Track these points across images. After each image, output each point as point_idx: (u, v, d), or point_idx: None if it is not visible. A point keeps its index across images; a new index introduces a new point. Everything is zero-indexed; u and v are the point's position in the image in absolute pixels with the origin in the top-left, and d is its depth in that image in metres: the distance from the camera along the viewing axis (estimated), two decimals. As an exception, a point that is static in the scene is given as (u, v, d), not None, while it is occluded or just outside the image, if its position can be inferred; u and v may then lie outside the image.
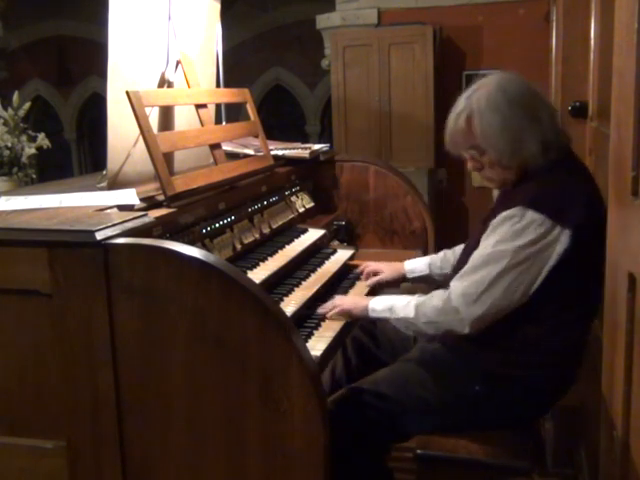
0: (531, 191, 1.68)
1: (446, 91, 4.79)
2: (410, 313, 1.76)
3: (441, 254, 2.21)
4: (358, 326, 2.14)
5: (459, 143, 1.79)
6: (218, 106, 2.56)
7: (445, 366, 1.80)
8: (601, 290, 1.79)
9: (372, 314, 1.87)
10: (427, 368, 1.81)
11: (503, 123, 1.69)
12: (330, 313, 1.92)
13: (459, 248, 2.16)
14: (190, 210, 1.87)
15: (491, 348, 1.73)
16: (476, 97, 1.73)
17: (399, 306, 1.80)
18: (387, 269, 2.27)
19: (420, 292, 1.84)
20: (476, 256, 1.71)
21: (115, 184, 1.89)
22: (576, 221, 1.63)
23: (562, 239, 1.63)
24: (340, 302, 1.95)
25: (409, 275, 2.23)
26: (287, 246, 2.26)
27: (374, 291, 2.24)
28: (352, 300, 1.96)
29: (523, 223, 1.63)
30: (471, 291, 1.66)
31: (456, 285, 1.71)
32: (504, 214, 1.67)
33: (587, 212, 1.65)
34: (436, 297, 1.73)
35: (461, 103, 1.76)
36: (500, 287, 1.64)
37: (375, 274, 2.28)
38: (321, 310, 1.96)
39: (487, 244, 1.69)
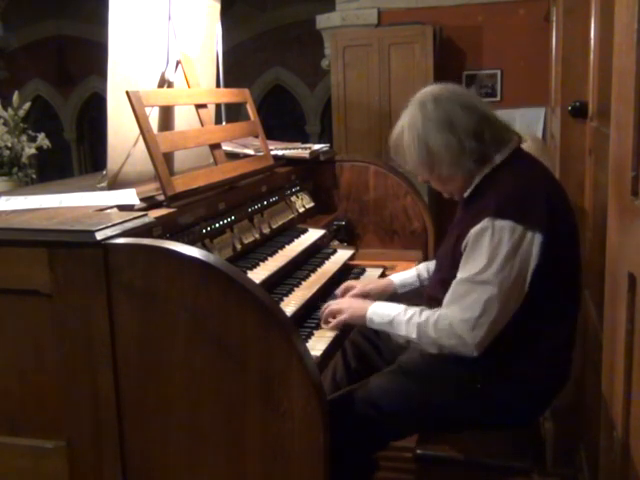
0: (493, 200, 1.69)
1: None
2: (412, 333, 1.74)
3: (423, 266, 2.20)
4: (358, 332, 2.14)
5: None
6: (218, 106, 2.56)
7: (448, 365, 1.79)
8: (580, 279, 1.83)
9: (369, 324, 1.85)
10: (430, 367, 1.81)
11: (417, 140, 1.75)
12: (330, 326, 1.91)
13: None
14: (190, 210, 1.87)
15: (494, 348, 1.74)
16: (402, 121, 1.82)
17: (400, 321, 1.77)
18: (375, 290, 2.15)
19: (423, 305, 1.82)
20: (463, 281, 1.71)
21: (115, 184, 1.89)
22: (542, 221, 1.66)
23: (536, 242, 1.65)
24: (337, 307, 1.92)
25: (400, 290, 2.17)
26: (287, 246, 2.26)
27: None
28: (350, 307, 1.91)
29: (496, 234, 1.65)
30: (468, 316, 1.66)
31: (454, 311, 1.69)
32: (476, 229, 1.68)
33: (549, 209, 1.68)
34: (439, 320, 1.71)
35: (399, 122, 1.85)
36: (495, 307, 1.65)
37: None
38: (321, 314, 1.94)
39: (473, 266, 1.69)
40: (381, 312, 1.83)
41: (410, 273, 2.21)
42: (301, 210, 2.61)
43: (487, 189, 1.75)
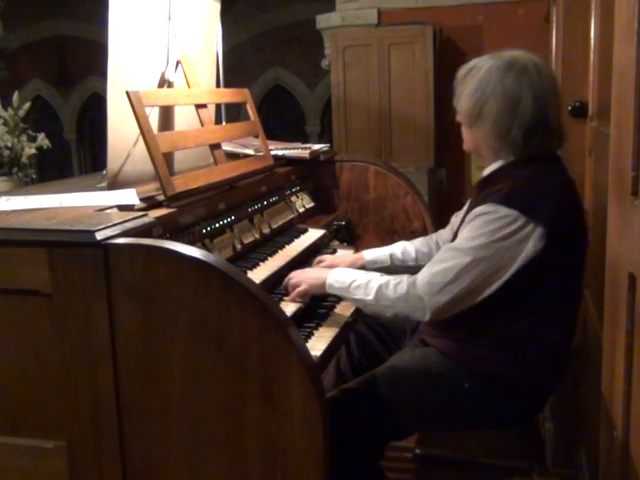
0: (505, 188, 1.68)
1: (446, 91, 4.80)
2: (369, 295, 1.74)
3: (401, 246, 2.19)
4: (361, 322, 2.13)
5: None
6: (218, 106, 2.56)
7: (435, 366, 1.79)
8: (581, 286, 1.82)
9: (329, 290, 1.84)
10: (418, 368, 1.81)
11: (478, 94, 1.75)
12: (289, 297, 1.89)
13: (418, 241, 2.17)
14: (190, 210, 1.87)
15: (481, 348, 1.74)
16: (483, 62, 1.83)
17: (358, 285, 1.77)
18: (343, 263, 2.14)
19: (382, 272, 1.82)
20: (447, 247, 1.73)
21: (115, 184, 1.89)
22: (548, 218, 1.63)
23: (535, 236, 1.63)
24: (297, 280, 1.90)
25: (370, 266, 2.15)
26: (287, 246, 2.26)
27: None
28: (309, 277, 1.90)
29: (496, 219, 1.64)
30: (436, 280, 1.67)
31: (423, 273, 1.71)
32: (477, 210, 1.69)
33: (558, 210, 1.66)
34: (402, 282, 1.72)
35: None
36: (466, 279, 1.65)
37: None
38: (284, 285, 1.93)
39: (460, 237, 1.71)
40: (341, 277, 1.83)
41: (383, 251, 2.20)
42: (301, 210, 2.61)
43: (503, 178, 1.73)
